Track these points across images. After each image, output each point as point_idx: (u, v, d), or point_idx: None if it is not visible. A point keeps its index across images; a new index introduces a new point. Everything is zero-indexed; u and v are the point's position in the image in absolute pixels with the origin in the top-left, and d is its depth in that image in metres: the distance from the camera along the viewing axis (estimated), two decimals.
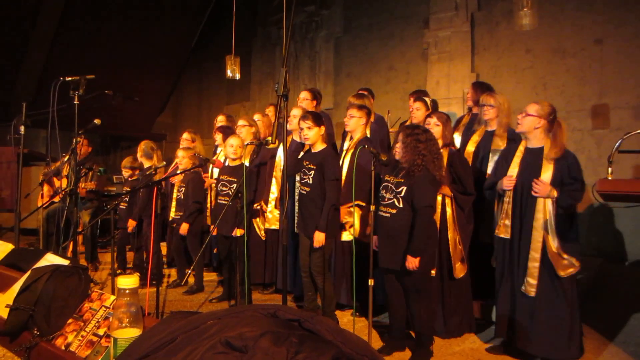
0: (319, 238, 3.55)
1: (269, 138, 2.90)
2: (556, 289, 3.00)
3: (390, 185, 3.19)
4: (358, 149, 3.53)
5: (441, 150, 3.46)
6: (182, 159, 4.83)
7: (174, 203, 5.02)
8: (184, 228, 4.70)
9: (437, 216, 3.47)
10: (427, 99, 4.53)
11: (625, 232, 5.87)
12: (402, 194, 3.10)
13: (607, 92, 6.10)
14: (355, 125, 4.00)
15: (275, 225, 4.53)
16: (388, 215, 3.15)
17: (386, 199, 3.18)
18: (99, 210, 5.67)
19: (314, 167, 3.66)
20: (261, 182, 4.62)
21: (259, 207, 4.56)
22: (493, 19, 7.06)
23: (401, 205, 3.11)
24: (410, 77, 7.92)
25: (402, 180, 3.12)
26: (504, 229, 3.19)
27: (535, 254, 3.02)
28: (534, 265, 3.02)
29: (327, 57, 9.06)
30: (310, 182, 3.66)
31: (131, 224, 5.11)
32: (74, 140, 3.75)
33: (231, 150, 4.29)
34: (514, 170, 3.16)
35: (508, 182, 3.14)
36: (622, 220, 5.88)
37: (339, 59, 8.92)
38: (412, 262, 3.00)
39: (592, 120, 6.20)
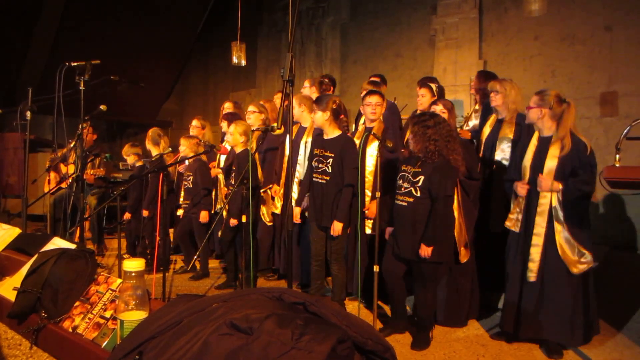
0: (338, 228, 3.53)
1: (275, 124, 2.89)
2: (561, 275, 2.99)
3: (407, 174, 3.17)
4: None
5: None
6: (184, 147, 4.82)
7: (181, 192, 5.03)
8: (204, 216, 4.72)
9: None
10: (433, 85, 4.48)
11: (633, 220, 5.84)
12: (420, 183, 3.09)
13: (616, 80, 6.03)
14: (381, 113, 3.98)
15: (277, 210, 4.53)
16: (405, 204, 3.15)
17: (403, 188, 3.17)
18: (105, 196, 5.70)
19: (332, 155, 3.59)
20: (268, 168, 4.61)
21: (264, 193, 4.56)
22: (501, 5, 6.97)
23: (419, 194, 3.09)
24: (417, 64, 7.86)
25: (420, 170, 3.10)
26: (515, 222, 3.18)
27: (537, 239, 3.02)
28: (536, 250, 3.02)
29: (333, 43, 9.00)
30: (330, 171, 3.58)
31: (144, 214, 5.10)
32: (80, 126, 3.76)
33: (232, 137, 4.28)
34: (527, 162, 3.14)
35: (522, 189, 3.12)
36: (629, 208, 5.85)
37: (346, 46, 8.86)
38: (425, 251, 3.01)
39: (601, 107, 6.14)
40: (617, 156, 2.30)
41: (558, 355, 3.00)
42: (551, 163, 3.00)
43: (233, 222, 4.12)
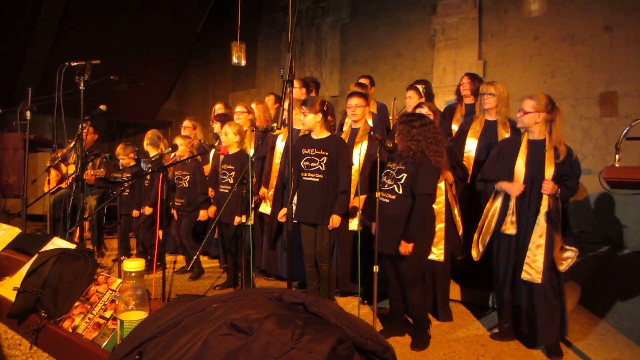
0: (336, 221, 3.59)
1: (274, 124, 2.89)
2: (552, 276, 3.06)
3: (391, 172, 3.22)
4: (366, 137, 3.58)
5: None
6: (182, 147, 4.82)
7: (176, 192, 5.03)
8: (204, 214, 4.74)
9: (442, 201, 3.56)
10: (420, 87, 4.50)
11: (632, 220, 5.84)
12: (402, 180, 3.13)
13: (616, 80, 6.04)
14: (362, 114, 4.03)
15: (267, 210, 4.56)
16: (387, 200, 3.18)
17: (386, 185, 3.21)
18: (105, 196, 5.70)
19: (326, 154, 3.62)
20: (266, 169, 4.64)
21: (258, 198, 4.58)
22: (501, 5, 6.98)
23: (401, 192, 3.13)
24: (417, 64, 7.86)
25: (403, 168, 3.15)
26: (510, 225, 3.16)
27: (541, 240, 3.03)
28: (540, 252, 3.02)
29: (333, 43, 9.00)
30: (324, 169, 3.62)
31: (148, 210, 5.09)
32: (80, 126, 3.76)
33: (226, 137, 4.29)
34: (520, 164, 3.14)
35: (517, 190, 3.11)
36: (629, 208, 5.86)
37: (345, 46, 8.86)
38: (406, 247, 3.04)
39: (600, 107, 6.14)
40: (617, 156, 2.31)
41: (558, 355, 3.01)
42: (551, 168, 3.03)
43: (238, 219, 4.11)
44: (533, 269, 3.03)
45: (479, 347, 3.18)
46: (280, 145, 4.58)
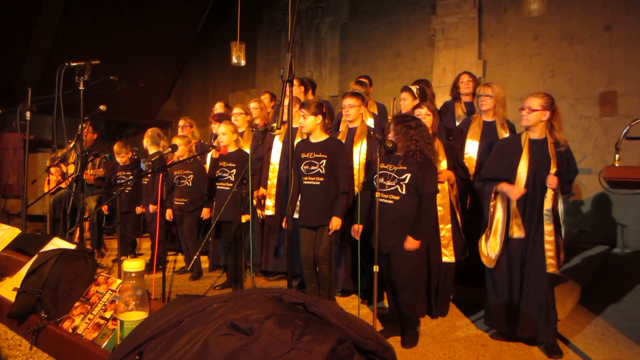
0: (337, 223, 3.58)
1: (274, 125, 2.88)
2: (544, 274, 3.08)
3: (389, 173, 3.21)
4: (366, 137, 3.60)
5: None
6: (182, 146, 4.82)
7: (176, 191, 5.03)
8: (206, 212, 4.74)
9: (447, 202, 3.58)
10: (413, 88, 4.50)
11: (631, 220, 5.84)
12: (406, 180, 3.12)
13: (615, 79, 6.04)
14: (356, 114, 4.04)
15: (271, 210, 4.56)
16: (391, 202, 3.17)
17: (387, 187, 3.20)
18: (105, 196, 5.70)
19: (325, 156, 3.62)
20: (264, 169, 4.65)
21: (256, 196, 4.59)
22: (501, 5, 6.98)
23: (404, 192, 3.13)
24: (417, 63, 7.86)
25: (405, 168, 3.14)
26: (517, 229, 3.12)
27: (553, 234, 3.05)
28: (554, 246, 3.04)
29: (332, 43, 9.00)
30: (324, 172, 3.61)
31: (152, 208, 5.09)
32: (80, 126, 3.76)
33: (225, 137, 4.30)
34: (522, 166, 3.12)
35: (518, 193, 3.08)
36: (628, 208, 5.86)
37: (345, 46, 8.86)
38: (413, 243, 3.05)
39: (600, 107, 6.15)
40: (617, 156, 2.31)
41: (558, 355, 3.01)
42: (554, 166, 3.04)
43: (246, 217, 4.09)
44: (555, 261, 3.03)
45: (479, 347, 3.18)
46: (277, 144, 4.59)
